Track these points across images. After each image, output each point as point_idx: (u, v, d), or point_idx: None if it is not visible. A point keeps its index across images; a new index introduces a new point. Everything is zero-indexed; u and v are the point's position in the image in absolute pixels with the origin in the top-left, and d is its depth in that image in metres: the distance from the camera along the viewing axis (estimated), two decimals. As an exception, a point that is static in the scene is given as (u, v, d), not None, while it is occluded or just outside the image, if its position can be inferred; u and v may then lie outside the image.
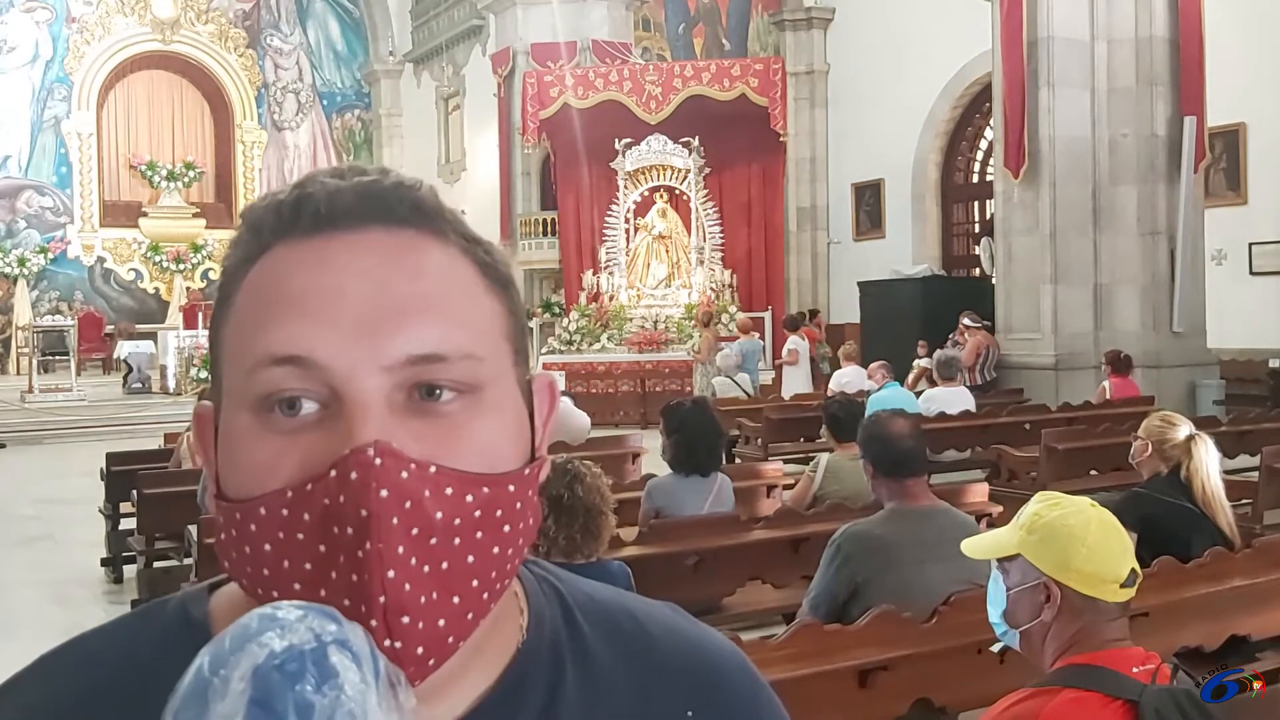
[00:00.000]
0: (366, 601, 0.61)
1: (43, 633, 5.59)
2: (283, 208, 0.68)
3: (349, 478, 0.61)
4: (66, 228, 23.38)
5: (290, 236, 0.67)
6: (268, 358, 0.64)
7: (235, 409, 0.66)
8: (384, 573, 0.60)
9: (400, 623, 0.61)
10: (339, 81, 26.54)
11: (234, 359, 0.67)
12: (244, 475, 0.65)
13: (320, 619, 0.57)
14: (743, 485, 5.35)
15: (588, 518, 3.18)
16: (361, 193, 0.67)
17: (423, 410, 0.65)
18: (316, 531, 0.62)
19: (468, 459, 0.64)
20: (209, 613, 0.73)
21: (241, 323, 0.67)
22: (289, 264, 0.66)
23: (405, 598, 0.61)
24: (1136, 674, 1.81)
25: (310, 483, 0.62)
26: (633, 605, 0.81)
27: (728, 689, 0.78)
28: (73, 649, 0.73)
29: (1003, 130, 11.11)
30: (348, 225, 0.66)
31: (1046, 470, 6.82)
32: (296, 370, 0.64)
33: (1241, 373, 11.54)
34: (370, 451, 0.61)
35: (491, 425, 0.66)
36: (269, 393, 0.64)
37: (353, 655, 0.57)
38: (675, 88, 16.49)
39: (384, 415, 0.63)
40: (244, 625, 0.57)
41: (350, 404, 0.63)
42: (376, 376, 0.64)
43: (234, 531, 0.65)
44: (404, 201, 0.68)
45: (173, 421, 12.00)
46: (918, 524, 3.36)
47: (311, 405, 0.64)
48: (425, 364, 0.64)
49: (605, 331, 15.73)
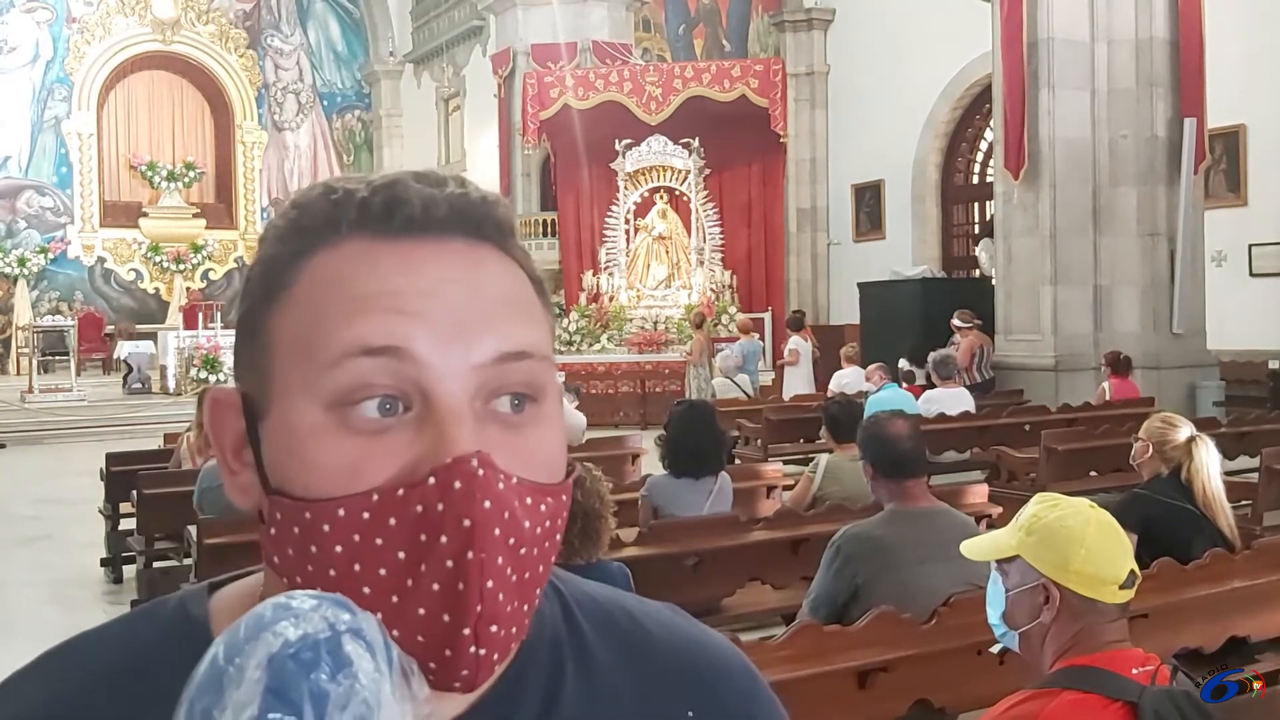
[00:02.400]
0: (461, 610, 0.61)
1: (42, 633, 5.59)
2: (369, 204, 0.67)
3: (452, 486, 0.61)
4: (66, 228, 23.36)
5: (371, 233, 0.67)
6: (358, 347, 0.63)
7: (300, 403, 0.65)
8: (484, 583, 0.61)
9: (489, 631, 0.62)
10: (339, 82, 26.53)
11: (302, 350, 0.65)
12: (314, 474, 0.64)
13: (334, 608, 0.58)
14: (742, 486, 5.35)
15: (586, 521, 3.18)
16: (455, 204, 0.68)
17: (497, 420, 0.66)
18: (401, 538, 0.62)
19: (536, 469, 0.66)
20: (209, 611, 0.73)
21: (312, 313, 0.66)
22: (372, 261, 0.66)
23: (497, 608, 0.62)
24: (1136, 675, 1.81)
25: (402, 488, 0.62)
26: (631, 605, 0.81)
27: (726, 688, 0.79)
28: (71, 647, 0.73)
29: (1003, 131, 11.11)
30: (436, 233, 0.67)
31: (1046, 471, 6.82)
32: (389, 363, 0.63)
33: (1241, 374, 11.54)
34: (474, 462, 0.61)
35: (551, 435, 0.68)
36: (354, 386, 0.63)
37: (367, 644, 0.57)
38: (675, 88, 16.49)
39: (472, 424, 0.64)
40: (258, 614, 0.57)
41: (442, 408, 0.63)
42: (466, 378, 0.64)
43: (296, 530, 0.64)
44: (489, 218, 0.69)
45: (173, 422, 12.00)
46: (917, 525, 3.36)
47: (394, 406, 0.64)
48: (512, 362, 0.66)
49: (605, 332, 15.74)
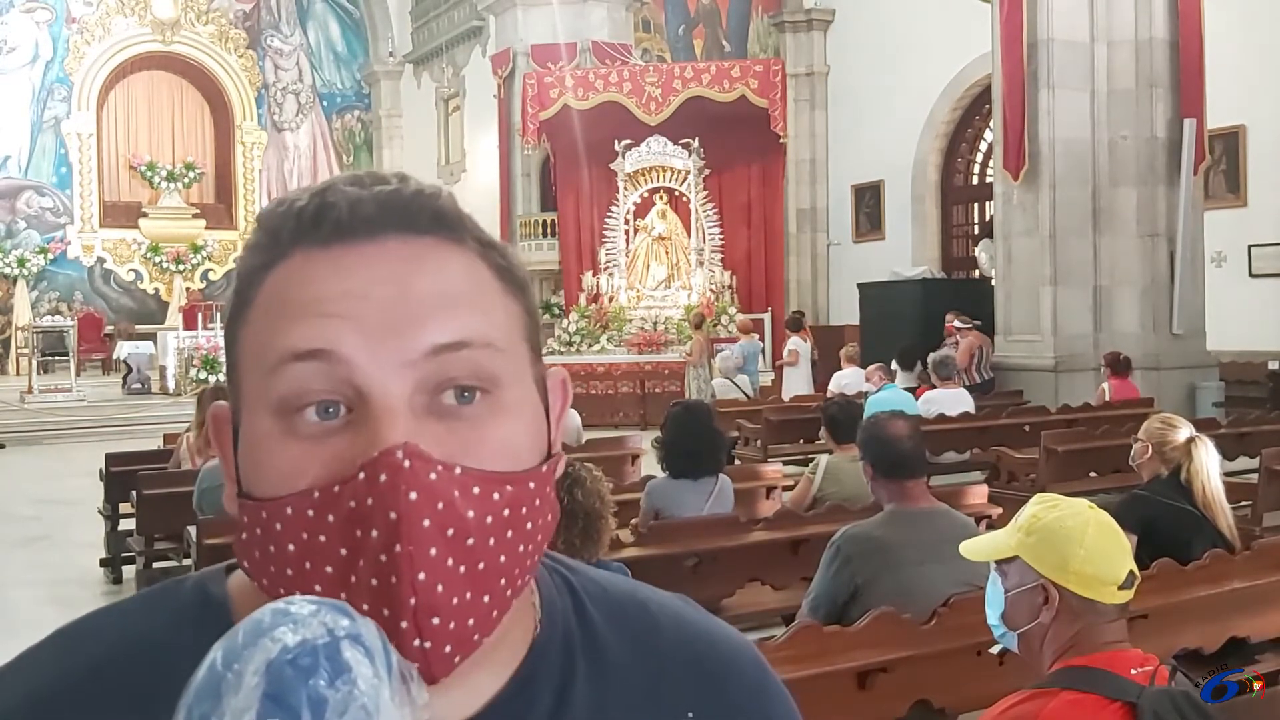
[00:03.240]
0: (395, 604, 0.61)
1: (41, 633, 5.56)
2: (303, 214, 0.68)
3: (378, 480, 0.61)
4: (66, 228, 23.36)
5: (310, 243, 0.67)
6: (289, 353, 0.64)
7: (257, 412, 0.66)
8: (415, 575, 0.61)
9: (431, 624, 0.61)
10: (339, 82, 26.53)
11: (253, 361, 0.67)
12: (268, 479, 0.65)
13: (333, 614, 0.58)
14: (742, 487, 5.34)
15: (587, 521, 3.17)
16: (383, 202, 0.68)
17: (444, 413, 0.65)
18: (339, 534, 0.62)
19: (489, 459, 0.65)
20: (227, 591, 0.73)
21: (262, 327, 0.67)
22: (310, 270, 0.67)
23: (437, 599, 0.61)
24: (1135, 676, 1.81)
25: (338, 485, 0.62)
26: (644, 595, 0.82)
27: (736, 680, 0.79)
28: (87, 624, 0.73)
29: (1002, 132, 11.11)
30: (368, 234, 0.67)
31: (1046, 472, 6.82)
32: (320, 366, 0.64)
33: (1241, 375, 11.55)
34: (399, 454, 0.61)
35: (511, 425, 0.67)
36: (292, 393, 0.64)
37: (365, 650, 0.57)
38: (675, 89, 16.49)
39: (408, 418, 0.64)
40: (257, 620, 0.57)
41: (375, 406, 0.63)
42: (400, 376, 0.64)
43: (258, 531, 0.65)
44: (424, 211, 0.68)
45: (172, 422, 11.99)
46: (917, 526, 3.36)
47: (336, 410, 0.65)
48: (448, 353, 0.65)
49: (605, 333, 15.74)
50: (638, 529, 4.41)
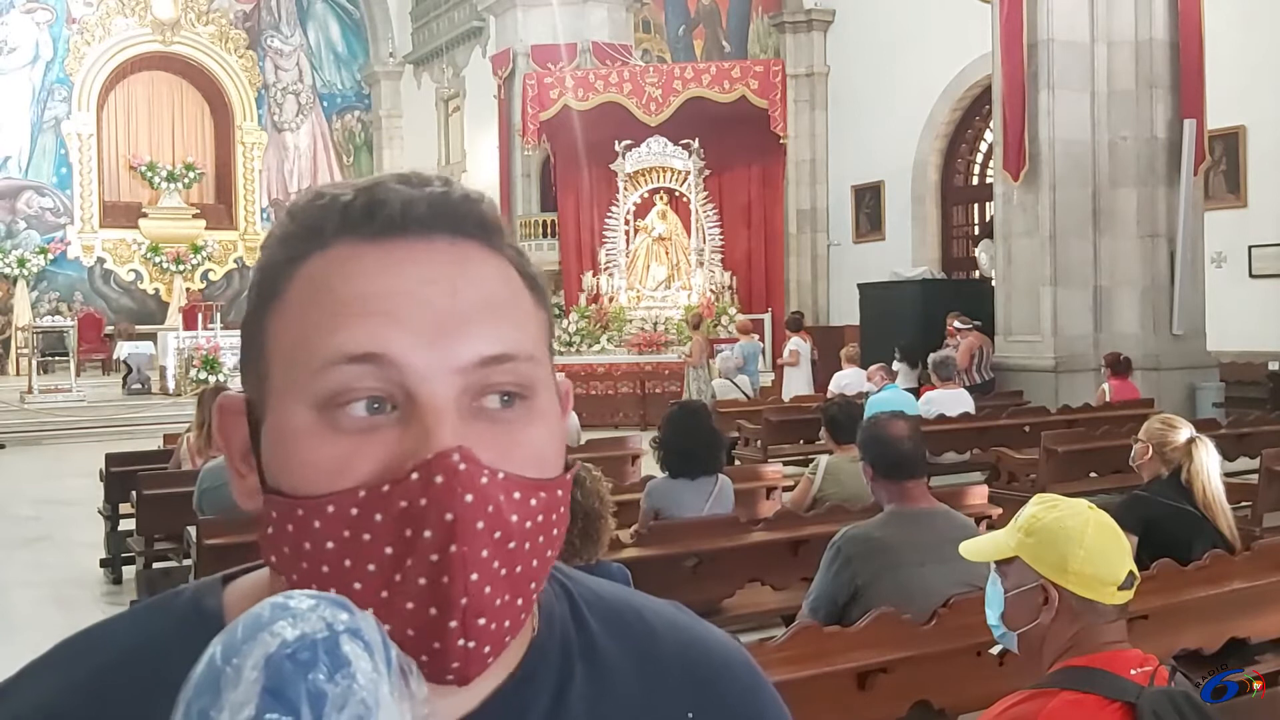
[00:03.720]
0: (446, 604, 0.62)
1: (42, 634, 5.57)
2: (351, 208, 0.68)
3: (433, 481, 0.62)
4: (66, 228, 23.37)
5: (355, 237, 0.68)
6: (341, 355, 0.64)
7: (292, 405, 0.66)
8: (468, 576, 0.62)
9: (477, 624, 0.63)
10: (339, 83, 26.54)
11: (293, 355, 0.67)
12: (305, 473, 0.65)
13: (332, 608, 0.58)
14: (742, 487, 5.34)
15: (586, 522, 3.17)
16: (434, 203, 0.69)
17: (485, 416, 0.66)
18: (387, 533, 0.63)
19: (526, 465, 0.66)
20: (223, 603, 0.73)
21: (301, 319, 0.67)
22: (356, 264, 0.67)
23: (484, 601, 0.63)
24: (1134, 676, 1.81)
25: (387, 484, 0.63)
26: (639, 602, 0.82)
27: (730, 685, 0.79)
28: (86, 638, 0.73)
29: (1002, 133, 11.11)
30: (419, 233, 0.68)
31: (1046, 473, 6.82)
32: (371, 369, 0.64)
33: (1241, 375, 11.54)
34: (455, 456, 0.62)
35: (542, 431, 0.69)
36: (339, 390, 0.65)
37: (365, 644, 0.57)
38: (675, 89, 16.49)
39: (456, 421, 0.64)
40: (256, 614, 0.57)
41: (426, 407, 0.64)
42: (449, 379, 0.65)
43: (289, 527, 0.65)
44: (471, 215, 0.70)
45: (172, 422, 12.00)
46: (917, 526, 3.35)
47: (383, 406, 0.65)
48: (495, 364, 0.66)
49: (605, 333, 15.74)
50: (638, 531, 4.41)
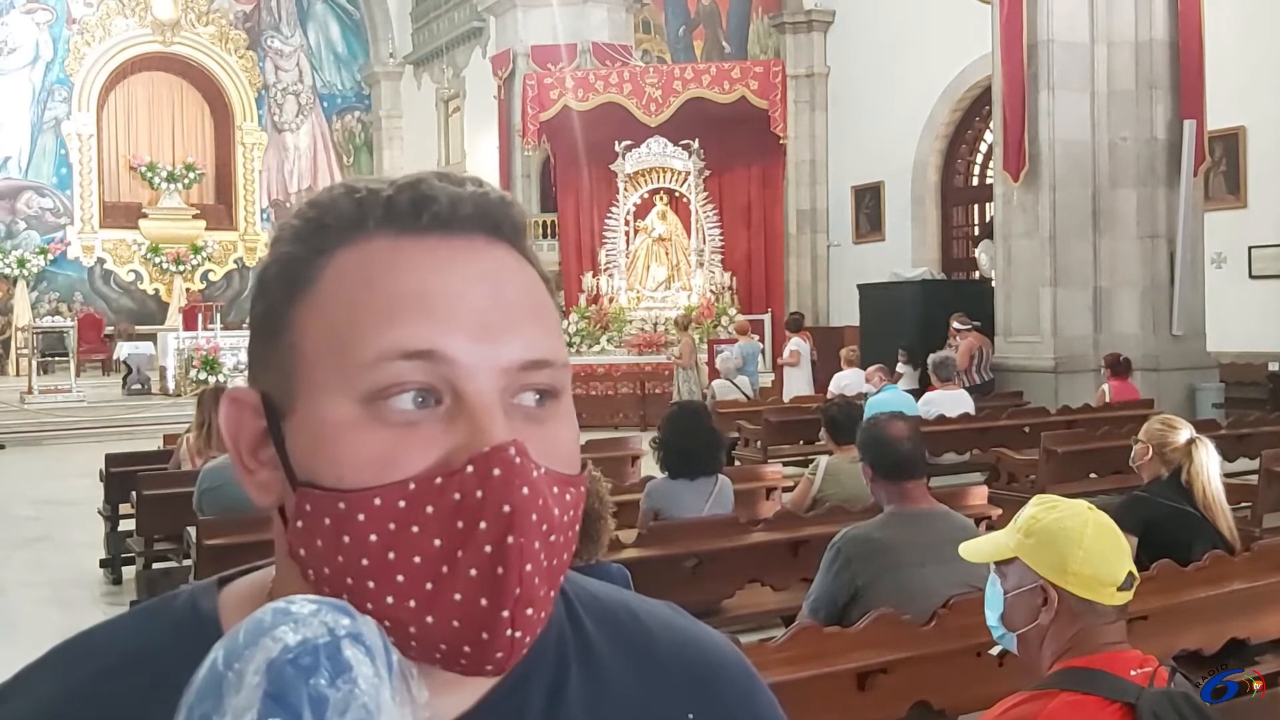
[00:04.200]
0: (499, 594, 0.62)
1: (41, 634, 5.58)
2: (395, 202, 0.69)
3: (490, 474, 0.63)
4: (66, 229, 23.36)
5: (398, 230, 0.68)
6: (396, 351, 0.65)
7: (333, 398, 0.66)
8: (523, 566, 0.63)
9: (525, 614, 0.63)
10: (339, 83, 26.54)
11: (332, 347, 0.67)
12: (349, 466, 0.65)
13: (334, 613, 0.58)
14: (742, 487, 5.34)
15: (586, 522, 3.16)
16: (478, 203, 0.70)
17: (523, 414, 0.68)
18: (437, 525, 0.63)
19: (560, 461, 0.68)
20: (218, 606, 0.74)
21: (347, 310, 0.67)
22: (402, 259, 0.68)
23: (533, 590, 0.64)
24: (1134, 677, 1.81)
25: (440, 476, 0.63)
26: (634, 603, 0.83)
27: (725, 687, 0.80)
28: (82, 641, 0.73)
29: (1002, 133, 11.11)
30: (461, 231, 0.69)
31: (1046, 473, 6.82)
32: (424, 365, 0.65)
33: (1241, 376, 11.55)
34: (511, 450, 0.64)
35: (570, 430, 0.71)
36: (391, 384, 0.65)
37: (366, 649, 0.57)
38: (675, 90, 16.48)
39: (503, 417, 0.66)
40: (258, 619, 0.57)
41: (475, 402, 0.65)
42: (494, 377, 0.66)
43: (328, 520, 0.65)
44: (508, 219, 0.71)
45: (172, 423, 12.00)
46: (917, 527, 3.35)
47: (431, 400, 0.66)
48: (534, 369, 0.68)
49: (605, 334, 15.74)
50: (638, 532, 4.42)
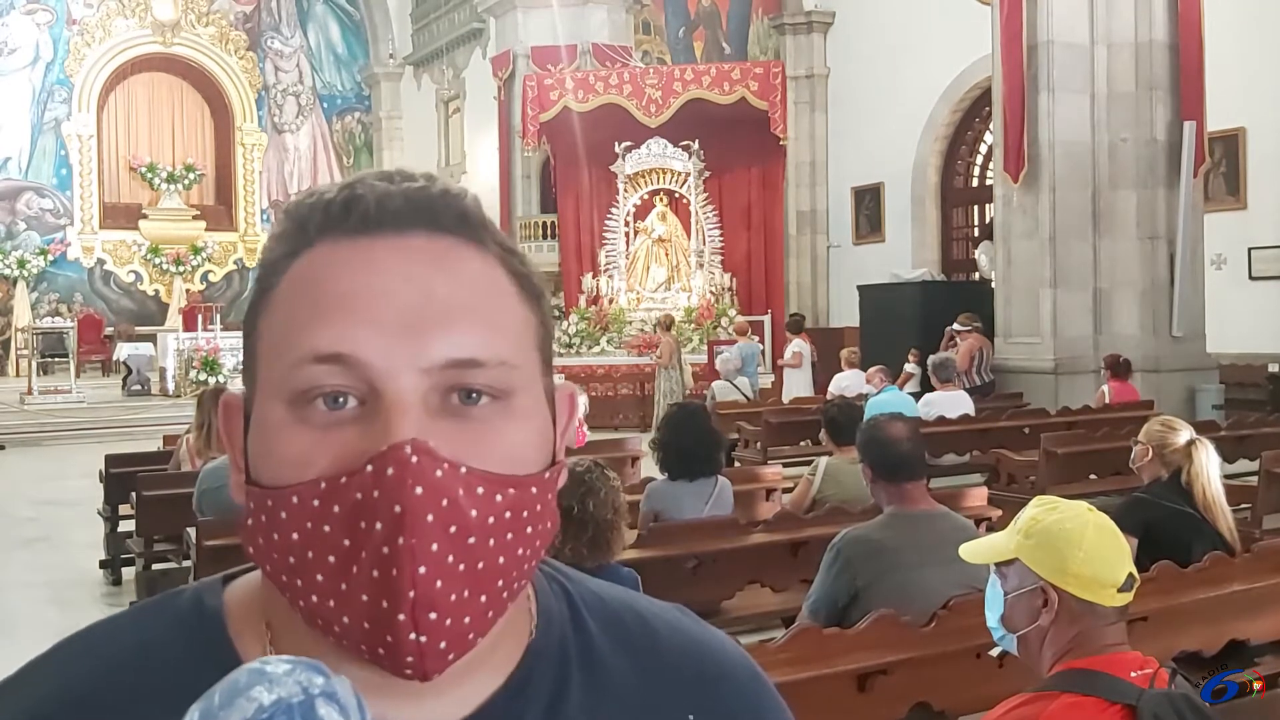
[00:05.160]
0: (394, 596, 0.62)
1: (41, 634, 5.57)
2: (331, 206, 0.69)
3: (385, 473, 0.62)
4: (66, 229, 23.36)
5: (336, 234, 0.68)
6: (311, 354, 0.65)
7: (271, 400, 0.67)
8: (415, 568, 0.61)
9: (428, 618, 0.62)
10: (339, 84, 26.54)
11: (273, 351, 0.68)
12: (277, 465, 0.66)
13: (308, 672, 0.58)
14: (742, 489, 5.35)
15: (597, 530, 3.18)
16: (411, 198, 0.69)
17: (456, 413, 0.66)
18: (344, 525, 0.63)
19: (495, 461, 0.66)
20: (223, 603, 0.74)
21: (283, 317, 0.68)
22: (334, 262, 0.68)
23: (436, 594, 0.62)
24: (1134, 678, 1.81)
25: (344, 476, 0.63)
26: (640, 605, 0.82)
27: (732, 689, 0.79)
28: (86, 636, 0.74)
29: (1002, 134, 11.11)
30: (394, 228, 0.68)
31: (1045, 474, 6.81)
32: (338, 368, 0.65)
33: (1241, 377, 11.55)
34: (407, 449, 0.62)
35: (519, 430, 0.68)
36: (308, 387, 0.65)
37: (340, 707, 0.58)
38: (675, 91, 16.48)
39: (420, 415, 0.65)
40: (233, 680, 0.58)
41: (388, 401, 0.64)
42: (415, 377, 0.65)
43: (263, 518, 0.66)
44: (450, 209, 0.70)
45: (172, 424, 12.00)
46: (917, 528, 3.35)
47: (350, 401, 0.65)
48: (463, 368, 0.66)
49: (605, 334, 15.74)
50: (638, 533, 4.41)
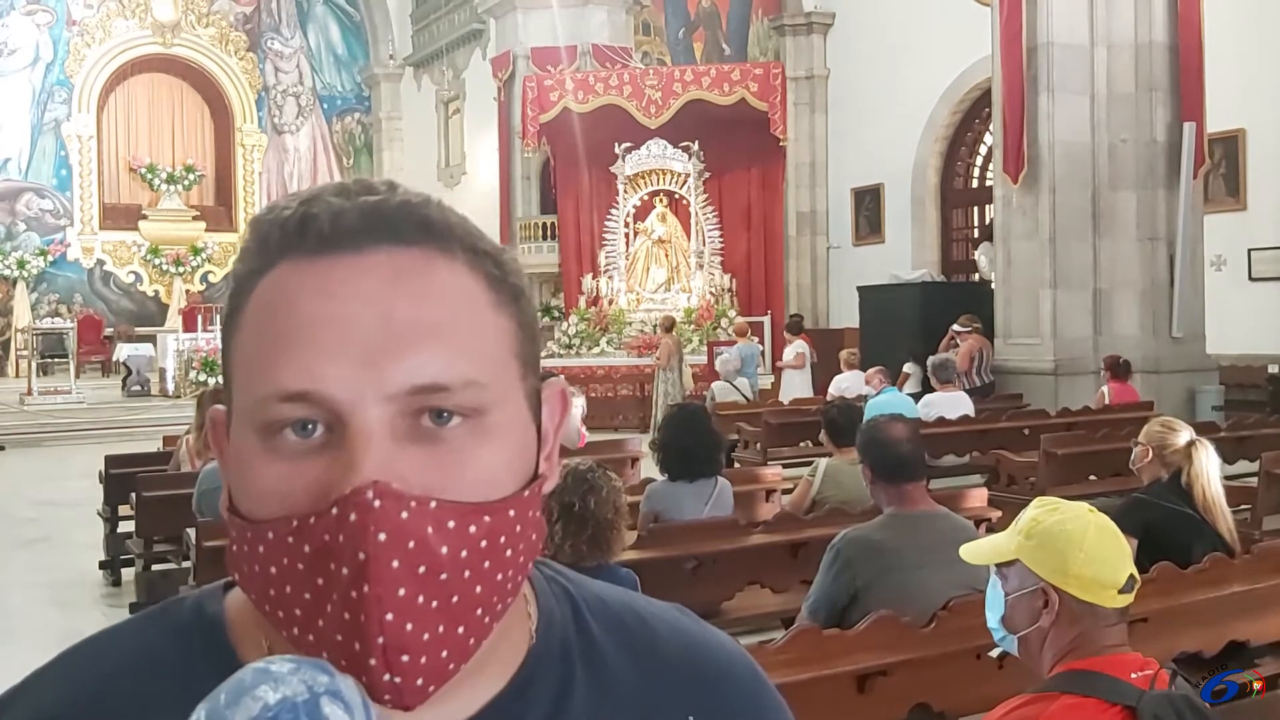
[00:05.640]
0: (364, 640, 0.61)
1: (41, 636, 5.58)
2: (288, 225, 0.67)
3: (348, 519, 0.60)
4: (66, 230, 23.37)
5: (295, 255, 0.66)
6: (276, 393, 0.64)
7: (243, 427, 0.67)
8: (382, 615, 0.60)
9: (400, 660, 0.61)
10: (339, 85, 26.54)
11: (244, 380, 0.67)
12: (252, 498, 0.65)
13: (312, 671, 0.59)
14: (742, 490, 5.34)
15: (596, 530, 3.18)
16: (367, 212, 0.66)
17: (425, 436, 0.64)
18: (315, 564, 0.62)
19: (467, 488, 0.64)
20: (224, 610, 0.74)
21: (251, 342, 0.67)
22: (293, 287, 0.66)
23: (406, 638, 0.61)
24: (1135, 679, 1.81)
25: (313, 516, 0.62)
26: (640, 606, 0.82)
27: (733, 689, 0.79)
28: (88, 647, 0.74)
29: (1002, 135, 11.11)
30: (352, 246, 0.65)
31: (1045, 475, 6.81)
32: (302, 405, 0.64)
33: (1241, 378, 11.55)
34: (369, 494, 0.60)
35: (493, 451, 0.66)
36: (275, 420, 0.65)
37: (345, 705, 0.58)
38: (675, 92, 16.49)
39: (386, 444, 0.63)
40: (239, 680, 0.58)
41: (353, 433, 0.63)
42: (379, 405, 0.63)
43: (244, 548, 0.66)
44: (409, 220, 0.67)
45: (172, 424, 12.00)
46: (917, 529, 3.35)
47: (318, 429, 0.64)
48: (427, 393, 0.64)
49: (604, 335, 15.74)
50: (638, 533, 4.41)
